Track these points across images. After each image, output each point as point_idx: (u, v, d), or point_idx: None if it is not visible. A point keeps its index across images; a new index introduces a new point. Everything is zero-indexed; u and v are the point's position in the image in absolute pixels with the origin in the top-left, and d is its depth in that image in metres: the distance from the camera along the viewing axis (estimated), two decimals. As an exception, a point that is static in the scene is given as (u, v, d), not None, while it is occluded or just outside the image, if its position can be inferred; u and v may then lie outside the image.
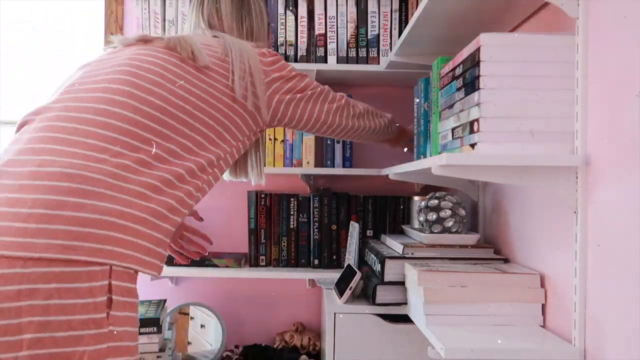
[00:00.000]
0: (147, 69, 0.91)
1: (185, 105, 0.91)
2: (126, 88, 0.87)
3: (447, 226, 1.30)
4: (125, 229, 0.77)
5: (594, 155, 0.88)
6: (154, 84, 0.89)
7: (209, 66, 0.97)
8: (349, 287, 1.38)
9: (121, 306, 0.76)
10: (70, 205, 0.74)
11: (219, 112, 0.96)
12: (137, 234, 0.78)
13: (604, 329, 0.84)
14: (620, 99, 0.81)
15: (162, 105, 0.88)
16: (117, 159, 0.80)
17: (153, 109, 0.87)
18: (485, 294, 1.04)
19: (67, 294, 0.71)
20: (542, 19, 1.10)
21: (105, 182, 0.77)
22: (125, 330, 0.76)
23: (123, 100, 0.85)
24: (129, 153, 0.82)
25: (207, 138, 0.94)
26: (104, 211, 0.75)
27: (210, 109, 0.95)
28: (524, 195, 1.18)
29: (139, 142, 0.84)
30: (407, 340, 1.36)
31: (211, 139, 0.95)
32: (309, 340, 1.82)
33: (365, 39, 1.70)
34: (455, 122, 1.04)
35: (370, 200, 1.77)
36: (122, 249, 0.76)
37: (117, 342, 0.74)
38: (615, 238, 0.82)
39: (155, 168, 0.84)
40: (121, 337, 0.75)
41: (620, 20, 0.82)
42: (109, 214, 0.76)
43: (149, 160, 0.83)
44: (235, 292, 1.96)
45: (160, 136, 0.86)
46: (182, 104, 0.91)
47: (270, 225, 1.79)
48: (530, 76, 0.92)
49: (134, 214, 0.78)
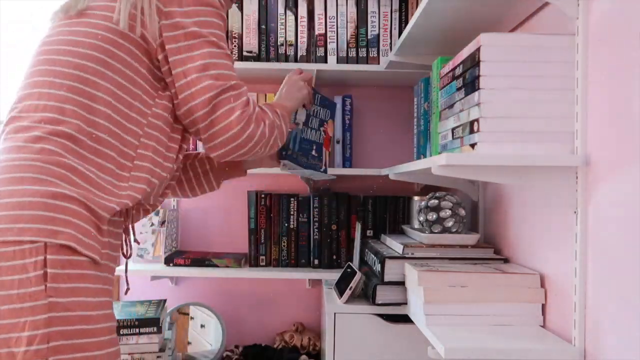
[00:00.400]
0: (56, 51, 0.91)
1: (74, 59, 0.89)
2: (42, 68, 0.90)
3: (447, 226, 1.30)
4: (56, 208, 0.80)
5: (594, 155, 0.88)
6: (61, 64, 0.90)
7: (89, 6, 0.92)
8: (349, 287, 1.38)
9: (61, 278, 0.78)
10: (4, 194, 0.80)
11: (99, 50, 0.89)
12: (71, 213, 0.81)
13: (604, 329, 0.84)
14: (620, 99, 0.81)
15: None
16: (41, 144, 0.84)
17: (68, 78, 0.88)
18: (485, 294, 1.04)
19: (6, 271, 0.76)
20: (542, 19, 1.10)
21: (35, 167, 0.82)
22: (73, 300, 0.79)
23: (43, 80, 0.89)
24: (53, 138, 0.84)
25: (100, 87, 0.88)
26: (33, 193, 0.80)
27: (91, 50, 0.89)
28: (524, 195, 1.18)
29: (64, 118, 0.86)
30: (407, 340, 1.36)
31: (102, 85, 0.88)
32: (309, 340, 1.82)
33: (365, 39, 1.70)
34: (455, 122, 1.04)
35: (370, 200, 1.77)
36: (54, 227, 0.79)
37: (61, 312, 0.77)
38: (615, 238, 0.82)
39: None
40: (67, 308, 0.78)
41: (620, 20, 0.82)
42: (40, 195, 0.79)
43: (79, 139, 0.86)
44: (235, 292, 1.96)
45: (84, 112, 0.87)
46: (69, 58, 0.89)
47: (270, 225, 1.79)
48: (530, 76, 0.92)
49: (65, 194, 0.81)
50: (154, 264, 1.77)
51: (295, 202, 1.78)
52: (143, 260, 1.79)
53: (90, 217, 0.82)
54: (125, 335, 1.52)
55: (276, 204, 1.79)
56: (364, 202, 1.78)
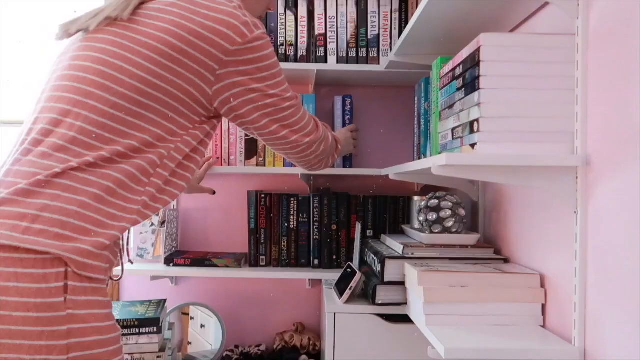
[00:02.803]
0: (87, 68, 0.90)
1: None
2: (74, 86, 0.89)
3: (447, 226, 1.30)
4: (76, 229, 0.82)
5: (594, 155, 0.88)
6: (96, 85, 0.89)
7: (139, 14, 0.90)
8: (349, 287, 1.38)
9: (79, 291, 0.80)
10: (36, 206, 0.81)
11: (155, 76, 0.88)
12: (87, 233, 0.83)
13: (604, 329, 0.84)
14: (620, 99, 0.81)
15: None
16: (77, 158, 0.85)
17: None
18: (485, 294, 1.04)
19: (24, 278, 0.76)
20: (542, 19, 1.10)
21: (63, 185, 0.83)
22: (89, 313, 0.81)
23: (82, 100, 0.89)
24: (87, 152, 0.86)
25: (144, 117, 0.88)
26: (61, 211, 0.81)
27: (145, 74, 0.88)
28: (524, 195, 1.18)
29: (96, 143, 0.87)
30: (407, 340, 1.36)
31: (150, 117, 0.89)
32: (309, 340, 1.82)
33: (365, 39, 1.70)
34: (455, 122, 1.04)
35: (370, 200, 1.77)
36: (73, 244, 0.81)
37: (79, 324, 0.79)
38: (615, 238, 0.82)
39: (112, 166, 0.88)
40: (84, 320, 0.80)
41: (620, 20, 0.82)
42: (67, 214, 0.81)
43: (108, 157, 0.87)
44: (235, 292, 1.96)
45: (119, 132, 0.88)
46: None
47: (270, 225, 1.79)
48: (530, 76, 0.92)
49: (87, 215, 0.83)
50: (154, 264, 1.77)
51: (295, 202, 1.78)
52: (143, 260, 1.79)
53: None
54: (126, 335, 1.52)
55: (276, 204, 1.79)
56: (364, 202, 1.78)
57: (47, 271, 0.78)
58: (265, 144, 1.11)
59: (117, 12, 0.89)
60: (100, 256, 0.84)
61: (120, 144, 0.87)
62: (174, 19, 0.88)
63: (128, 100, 0.87)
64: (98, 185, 0.84)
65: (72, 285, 0.79)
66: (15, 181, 0.83)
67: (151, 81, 0.87)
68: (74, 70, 0.90)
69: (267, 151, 1.72)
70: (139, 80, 0.87)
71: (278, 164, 1.72)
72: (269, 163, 1.72)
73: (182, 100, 0.90)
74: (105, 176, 0.85)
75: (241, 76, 0.92)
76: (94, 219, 0.83)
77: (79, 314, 0.79)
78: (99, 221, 0.84)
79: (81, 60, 0.90)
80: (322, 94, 1.95)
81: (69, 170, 0.83)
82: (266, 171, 1.70)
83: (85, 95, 0.87)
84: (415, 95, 1.50)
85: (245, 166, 1.70)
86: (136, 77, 0.87)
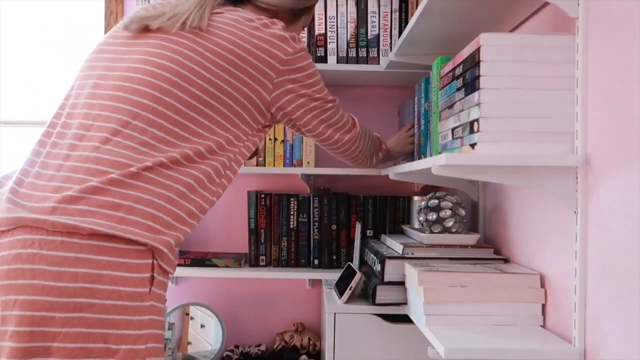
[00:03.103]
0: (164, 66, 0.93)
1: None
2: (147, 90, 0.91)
3: (447, 226, 1.30)
4: (164, 223, 0.86)
5: (594, 155, 0.88)
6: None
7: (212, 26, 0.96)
8: (349, 287, 1.38)
9: (158, 284, 0.84)
10: (131, 197, 0.84)
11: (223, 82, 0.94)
12: (172, 228, 0.87)
13: (604, 329, 0.84)
14: (620, 99, 0.81)
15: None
16: (162, 153, 0.89)
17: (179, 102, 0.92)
18: (485, 294, 1.04)
19: (118, 267, 0.79)
20: (542, 19, 1.10)
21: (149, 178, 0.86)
22: (159, 306, 0.84)
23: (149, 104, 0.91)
24: (170, 149, 0.89)
25: (215, 121, 0.94)
26: (152, 204, 0.85)
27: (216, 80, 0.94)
28: (524, 195, 1.18)
29: (165, 144, 0.90)
30: (407, 340, 1.36)
31: (221, 122, 0.95)
32: (309, 340, 1.82)
33: (365, 39, 1.70)
34: (455, 122, 1.04)
35: (370, 200, 1.77)
36: (162, 237, 0.84)
37: (155, 315, 0.82)
38: (615, 238, 0.82)
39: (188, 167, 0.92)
40: (157, 312, 0.83)
41: (620, 20, 0.82)
42: (157, 208, 0.85)
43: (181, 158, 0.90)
44: (235, 292, 1.96)
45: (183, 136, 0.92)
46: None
47: (270, 225, 1.79)
48: (530, 76, 0.92)
49: (172, 210, 0.87)
50: (154, 264, 1.77)
51: (295, 202, 1.78)
52: (143, 260, 1.79)
53: None
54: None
55: (276, 204, 1.79)
56: (364, 202, 1.78)
57: (139, 261, 0.81)
58: (319, 145, 1.23)
59: (196, 22, 0.95)
60: (175, 252, 0.88)
61: (200, 144, 0.91)
62: (239, 33, 0.96)
63: (200, 101, 0.92)
64: (182, 182, 0.88)
65: (156, 278, 0.83)
66: (101, 169, 0.84)
67: (220, 86, 0.93)
68: (150, 65, 0.92)
69: (267, 151, 1.72)
70: (210, 84, 0.92)
71: (278, 164, 1.72)
72: (269, 163, 1.72)
73: (245, 106, 0.97)
74: (188, 174, 0.89)
75: (292, 84, 1.02)
76: (177, 214, 0.87)
77: (156, 306, 0.83)
78: (180, 217, 0.88)
79: (158, 58, 0.92)
80: (322, 94, 1.95)
81: (157, 166, 0.86)
82: (266, 171, 1.70)
83: (163, 93, 0.90)
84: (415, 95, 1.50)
85: (245, 166, 1.70)
86: (207, 81, 0.92)
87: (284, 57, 0.99)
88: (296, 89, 1.03)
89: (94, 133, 0.88)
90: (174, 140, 0.89)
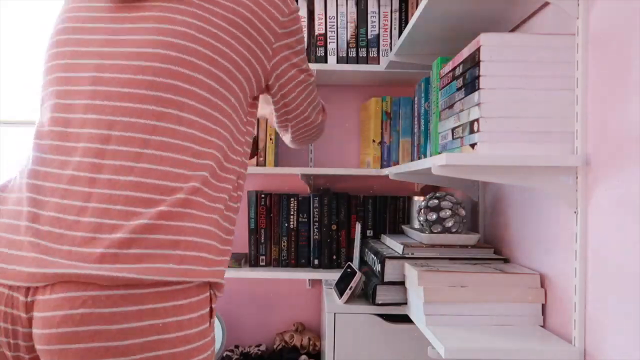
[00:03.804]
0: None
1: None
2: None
3: (447, 226, 1.30)
4: (214, 250, 0.78)
5: (594, 155, 0.88)
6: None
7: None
8: (349, 287, 1.38)
9: (214, 313, 0.79)
10: (181, 230, 0.74)
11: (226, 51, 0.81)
12: (220, 253, 0.80)
13: (604, 329, 0.84)
14: (620, 99, 0.81)
15: None
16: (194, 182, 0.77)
17: None
18: (485, 294, 1.04)
19: (183, 310, 0.71)
20: (542, 19, 1.10)
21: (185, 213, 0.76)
22: (214, 334, 0.79)
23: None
24: (206, 161, 0.79)
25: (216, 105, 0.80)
26: (206, 234, 0.76)
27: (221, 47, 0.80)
28: (524, 195, 1.18)
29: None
30: (407, 340, 1.36)
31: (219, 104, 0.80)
32: (309, 340, 1.82)
33: (365, 39, 1.70)
34: (455, 122, 1.04)
35: (370, 200, 1.77)
36: (217, 268, 0.78)
37: (212, 345, 0.78)
38: (615, 238, 0.82)
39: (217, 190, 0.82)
40: (213, 340, 0.79)
41: (620, 20, 0.82)
42: (209, 236, 0.76)
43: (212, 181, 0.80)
44: (235, 292, 1.96)
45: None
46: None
47: (270, 225, 1.79)
48: (530, 76, 0.92)
49: (217, 234, 0.79)
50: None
51: (295, 202, 1.78)
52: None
53: None
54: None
55: (276, 204, 1.79)
56: (364, 202, 1.78)
57: (200, 297, 0.74)
58: (280, 121, 1.04)
59: None
60: None
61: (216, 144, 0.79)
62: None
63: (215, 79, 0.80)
64: (221, 200, 0.79)
65: (214, 308, 0.77)
66: (145, 197, 0.71)
67: (224, 51, 0.80)
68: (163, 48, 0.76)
69: (267, 151, 1.72)
70: (221, 55, 0.80)
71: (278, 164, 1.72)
72: (269, 163, 1.72)
73: (247, 73, 0.84)
74: (223, 189, 0.80)
75: (288, 50, 0.91)
76: (221, 237, 0.79)
77: (212, 336, 0.77)
78: (225, 239, 0.80)
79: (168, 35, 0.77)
80: (322, 94, 1.95)
81: (202, 184, 0.76)
82: (266, 171, 1.70)
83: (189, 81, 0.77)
84: (415, 95, 1.50)
85: (245, 166, 1.70)
86: (218, 52, 0.79)
87: (280, 18, 0.87)
88: (290, 56, 0.91)
89: (117, 147, 0.73)
90: (204, 136, 0.77)
